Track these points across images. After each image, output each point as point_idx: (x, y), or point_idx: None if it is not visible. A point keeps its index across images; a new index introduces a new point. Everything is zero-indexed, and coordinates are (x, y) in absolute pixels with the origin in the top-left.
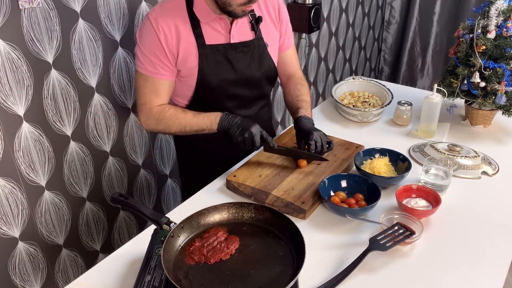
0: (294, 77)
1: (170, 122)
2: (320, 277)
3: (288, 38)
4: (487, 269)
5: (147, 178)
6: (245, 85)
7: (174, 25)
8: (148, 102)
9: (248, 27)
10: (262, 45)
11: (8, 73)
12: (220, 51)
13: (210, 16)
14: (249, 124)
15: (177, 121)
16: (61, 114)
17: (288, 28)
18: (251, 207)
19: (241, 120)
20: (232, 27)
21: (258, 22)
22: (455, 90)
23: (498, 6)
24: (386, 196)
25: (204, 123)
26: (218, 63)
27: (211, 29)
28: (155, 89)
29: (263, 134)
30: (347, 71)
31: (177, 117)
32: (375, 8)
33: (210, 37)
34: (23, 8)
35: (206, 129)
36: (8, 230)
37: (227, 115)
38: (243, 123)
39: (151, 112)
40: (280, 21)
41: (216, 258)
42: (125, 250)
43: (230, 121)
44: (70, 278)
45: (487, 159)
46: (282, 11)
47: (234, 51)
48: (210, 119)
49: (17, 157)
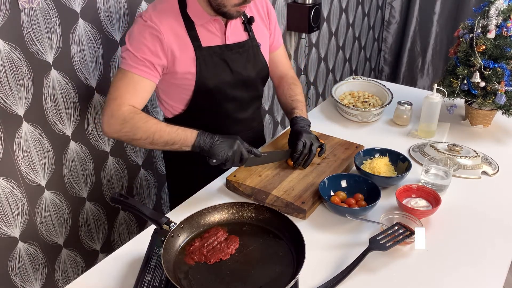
0: (286, 77)
1: (138, 124)
2: (320, 277)
3: (277, 38)
4: (487, 269)
5: (147, 178)
6: (242, 86)
7: (169, 26)
8: (119, 98)
9: (241, 28)
10: (255, 45)
11: (8, 73)
12: (217, 53)
13: (204, 18)
14: (231, 140)
15: (147, 125)
16: (61, 114)
17: (276, 28)
18: (251, 207)
19: (220, 137)
20: (227, 28)
21: (251, 23)
22: (455, 90)
23: (498, 6)
24: (386, 196)
25: (178, 135)
26: (215, 65)
27: (206, 31)
28: (133, 85)
29: (246, 147)
30: (347, 71)
31: (148, 121)
32: (375, 8)
33: (206, 39)
34: (23, 8)
35: (178, 143)
36: (8, 230)
37: (203, 133)
38: (225, 140)
39: (119, 109)
40: (269, 21)
41: (216, 258)
42: (125, 250)
43: (211, 138)
44: (70, 278)
45: (487, 159)
46: (270, 11)
47: (230, 52)
48: (186, 133)
49: (17, 157)
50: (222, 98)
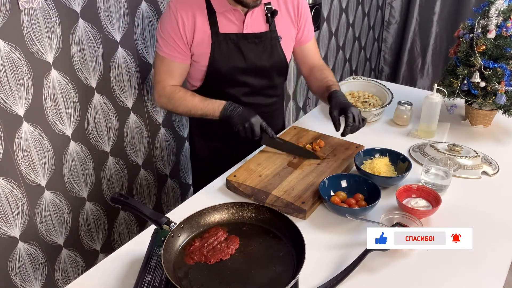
0: (317, 66)
1: (178, 102)
2: (320, 277)
3: (308, 32)
4: (487, 269)
5: (147, 178)
6: (254, 74)
7: (191, 13)
8: (162, 81)
9: (263, 19)
10: (275, 38)
11: (8, 73)
12: (232, 39)
13: (225, 7)
14: (250, 114)
15: (185, 102)
16: (61, 114)
17: (308, 22)
18: (251, 207)
19: (242, 110)
20: (246, 18)
21: (273, 15)
22: (455, 90)
23: (498, 6)
24: (386, 196)
25: (208, 109)
26: (229, 51)
27: (226, 19)
28: (170, 70)
29: (262, 125)
30: (347, 71)
31: (185, 99)
32: (375, 8)
33: (224, 26)
34: (23, 8)
35: (209, 115)
36: (8, 230)
37: (230, 104)
38: (244, 112)
39: (164, 90)
40: (299, 17)
41: (216, 258)
42: (125, 250)
43: (232, 110)
44: (70, 278)
45: (487, 159)
46: (301, 6)
47: (246, 41)
48: (214, 106)
49: (17, 157)
50: (232, 82)
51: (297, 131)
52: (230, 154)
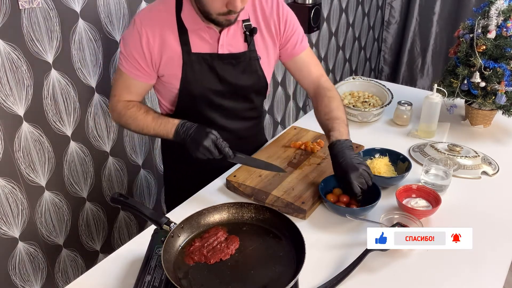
0: (320, 88)
1: (129, 120)
2: (320, 277)
3: (297, 41)
4: (487, 269)
5: (147, 178)
6: (231, 96)
7: (159, 30)
8: (118, 95)
9: (241, 38)
10: (254, 58)
11: (8, 73)
12: (206, 60)
13: (198, 24)
14: (201, 136)
15: (136, 121)
16: (61, 114)
17: (296, 32)
18: (251, 207)
19: (195, 131)
20: (221, 37)
21: (253, 34)
22: (455, 90)
23: (498, 6)
24: (386, 196)
25: (161, 130)
26: (202, 72)
27: (198, 37)
28: (128, 86)
29: (218, 144)
30: (347, 71)
31: (137, 117)
32: (375, 8)
33: (197, 46)
34: (23, 8)
35: (163, 136)
36: (8, 230)
37: (182, 125)
38: (196, 135)
39: (116, 105)
40: (284, 30)
41: (216, 258)
42: (125, 250)
43: (185, 133)
44: (70, 278)
45: (487, 159)
46: (284, 18)
47: (221, 61)
48: (167, 127)
49: (17, 157)
50: (207, 105)
51: (297, 131)
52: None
